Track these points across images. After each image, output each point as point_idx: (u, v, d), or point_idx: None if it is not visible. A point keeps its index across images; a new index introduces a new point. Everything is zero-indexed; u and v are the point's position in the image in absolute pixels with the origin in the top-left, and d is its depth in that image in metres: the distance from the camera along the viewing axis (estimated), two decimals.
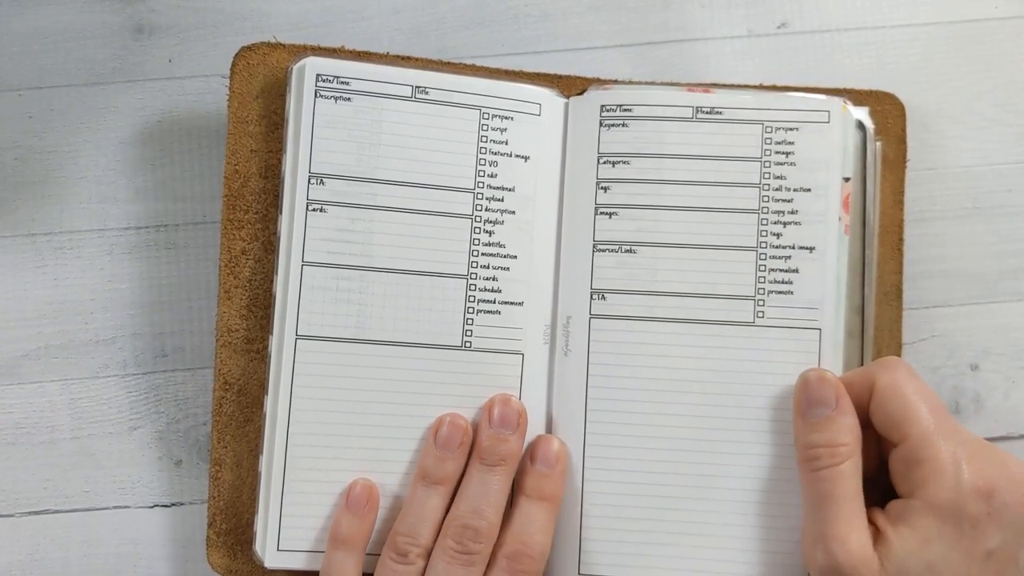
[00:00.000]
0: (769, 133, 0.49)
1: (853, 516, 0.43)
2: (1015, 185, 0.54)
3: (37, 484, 0.52)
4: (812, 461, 0.44)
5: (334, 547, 0.47)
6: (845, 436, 0.44)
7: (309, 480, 0.47)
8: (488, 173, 0.49)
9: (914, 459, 0.43)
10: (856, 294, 0.49)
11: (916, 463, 0.43)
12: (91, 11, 0.54)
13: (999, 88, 0.55)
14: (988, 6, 0.55)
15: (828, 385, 0.45)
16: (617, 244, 0.49)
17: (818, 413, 0.45)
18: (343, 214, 0.48)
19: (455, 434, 0.47)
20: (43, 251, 0.53)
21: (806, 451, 0.45)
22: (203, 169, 0.54)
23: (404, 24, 0.55)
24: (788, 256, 0.48)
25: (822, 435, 0.44)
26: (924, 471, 0.43)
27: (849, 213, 0.49)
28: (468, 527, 0.45)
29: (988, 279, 0.54)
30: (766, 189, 0.48)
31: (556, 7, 0.55)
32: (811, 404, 0.45)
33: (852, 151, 0.49)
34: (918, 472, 0.43)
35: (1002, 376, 0.54)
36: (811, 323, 0.48)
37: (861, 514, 0.43)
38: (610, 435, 0.48)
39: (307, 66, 0.48)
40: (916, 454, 0.43)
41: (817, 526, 0.43)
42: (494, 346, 0.49)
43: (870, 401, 0.45)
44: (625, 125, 0.49)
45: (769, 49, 0.55)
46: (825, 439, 0.44)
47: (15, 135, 0.54)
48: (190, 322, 0.53)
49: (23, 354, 0.52)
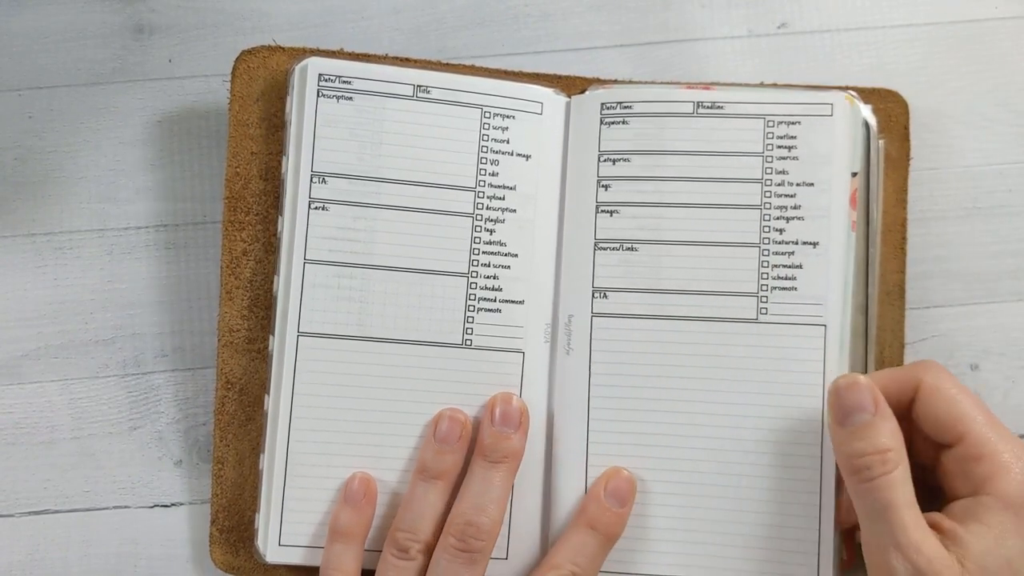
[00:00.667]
0: (771, 127, 0.48)
1: (919, 521, 0.42)
2: (1015, 185, 0.54)
3: (37, 484, 0.52)
4: (863, 471, 0.43)
5: (333, 540, 0.47)
6: (891, 440, 0.43)
7: (310, 476, 0.48)
8: (489, 172, 0.49)
9: (974, 457, 0.43)
10: (860, 293, 0.49)
11: (976, 460, 0.43)
12: (91, 11, 0.54)
13: (999, 88, 0.55)
14: (988, 6, 0.55)
15: (863, 389, 0.44)
16: (618, 242, 0.49)
17: (858, 420, 0.43)
18: (345, 212, 0.48)
19: (454, 428, 0.47)
20: (43, 251, 0.53)
21: (853, 461, 0.43)
22: (203, 169, 0.53)
23: (404, 24, 0.55)
24: (791, 252, 0.48)
25: (867, 443, 0.43)
26: (987, 467, 0.42)
27: (856, 209, 0.48)
28: (471, 524, 0.45)
29: (988, 279, 0.54)
30: (768, 184, 0.48)
31: (556, 7, 0.55)
32: (848, 412, 0.44)
33: (859, 146, 0.49)
34: (980, 469, 0.43)
35: (1002, 376, 0.53)
36: (815, 319, 0.48)
37: (923, 519, 0.42)
38: (613, 433, 0.48)
39: (309, 66, 0.49)
40: (976, 451, 0.43)
41: (885, 537, 0.42)
42: (495, 344, 0.49)
43: (910, 403, 0.45)
44: (626, 122, 0.49)
45: (769, 49, 0.55)
46: (872, 446, 0.43)
47: (15, 135, 0.53)
48: (190, 322, 0.53)
49: (23, 354, 0.52)
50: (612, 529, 0.47)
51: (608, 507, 0.47)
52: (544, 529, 0.49)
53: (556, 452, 0.49)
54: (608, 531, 0.47)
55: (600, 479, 0.48)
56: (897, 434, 0.43)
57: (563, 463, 0.48)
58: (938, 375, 0.44)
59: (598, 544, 0.46)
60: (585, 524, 0.47)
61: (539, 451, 0.49)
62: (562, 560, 0.46)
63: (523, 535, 0.48)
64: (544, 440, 0.49)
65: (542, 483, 0.49)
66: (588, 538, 0.46)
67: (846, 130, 0.48)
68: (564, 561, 0.46)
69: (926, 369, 0.45)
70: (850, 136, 0.48)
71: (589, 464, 0.48)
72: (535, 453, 0.49)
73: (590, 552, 0.46)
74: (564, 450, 0.49)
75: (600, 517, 0.47)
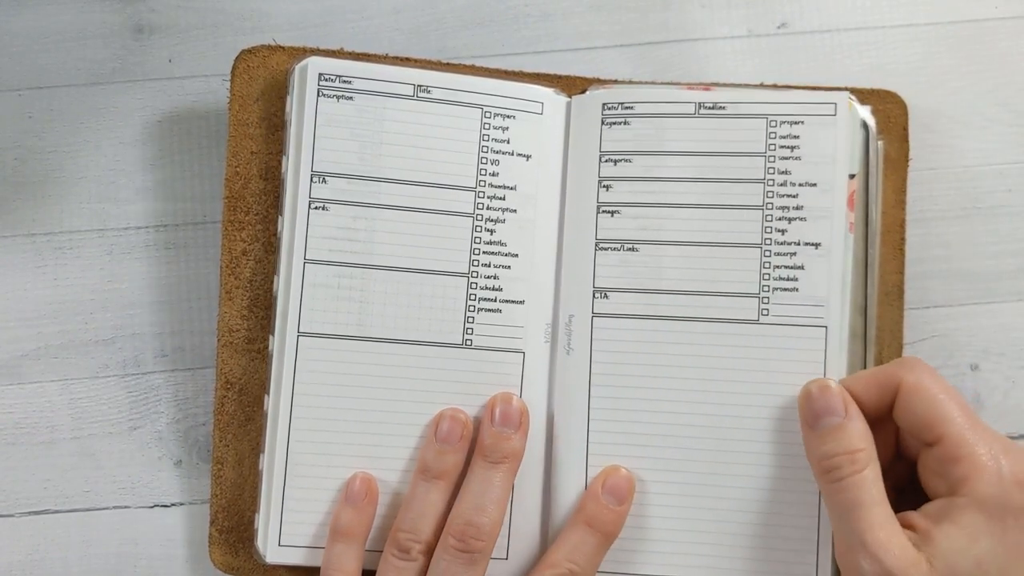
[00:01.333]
0: (773, 127, 0.48)
1: (888, 520, 0.42)
2: (1015, 185, 0.54)
3: (37, 484, 0.52)
4: (832, 472, 0.44)
5: (334, 540, 0.47)
6: (860, 442, 0.44)
7: (310, 476, 0.48)
8: (490, 172, 0.49)
9: (951, 457, 0.43)
10: (859, 294, 0.49)
11: (954, 461, 0.43)
12: (91, 11, 0.54)
13: (999, 88, 0.55)
14: (988, 6, 0.55)
15: (833, 394, 0.45)
16: (619, 242, 0.49)
17: (828, 423, 0.44)
18: (345, 212, 0.48)
19: (455, 428, 0.47)
20: (43, 251, 0.53)
21: (822, 463, 0.44)
22: (203, 169, 0.53)
23: (404, 24, 0.55)
24: (794, 253, 0.48)
25: (837, 444, 0.44)
26: (964, 468, 0.42)
27: (853, 211, 0.48)
28: (471, 524, 0.45)
29: (988, 279, 0.54)
30: (771, 184, 0.48)
31: (556, 7, 0.55)
32: (819, 415, 0.45)
33: (858, 148, 0.49)
34: (957, 470, 0.43)
35: (1002, 376, 0.54)
36: (816, 320, 0.47)
37: (893, 517, 0.43)
38: (613, 433, 0.48)
39: (310, 65, 0.48)
40: (953, 452, 0.43)
41: (853, 536, 0.42)
42: (495, 344, 0.49)
43: (893, 402, 0.45)
44: (627, 123, 0.49)
45: (769, 49, 0.55)
46: (842, 447, 0.44)
47: (15, 135, 0.53)
48: (190, 322, 0.53)
49: (23, 354, 0.52)
50: (610, 527, 0.47)
51: (606, 505, 0.47)
52: (544, 529, 0.49)
53: (556, 452, 0.49)
54: (606, 529, 0.46)
55: (598, 477, 0.48)
56: (867, 435, 0.44)
57: (563, 463, 0.48)
58: (919, 374, 0.44)
59: (596, 542, 0.46)
60: (583, 522, 0.47)
61: (539, 451, 0.49)
62: (560, 558, 0.46)
63: (523, 535, 0.48)
64: (544, 440, 0.49)
65: (542, 483, 0.49)
66: (586, 536, 0.46)
67: (848, 131, 0.48)
68: (562, 559, 0.46)
69: (908, 368, 0.45)
70: (849, 138, 0.48)
71: (589, 464, 0.48)
72: (535, 453, 0.49)
73: (588, 550, 0.46)
74: (564, 450, 0.49)
75: (598, 515, 0.47)
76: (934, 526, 0.42)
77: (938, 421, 0.43)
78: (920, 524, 0.43)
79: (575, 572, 0.46)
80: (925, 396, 0.44)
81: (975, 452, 0.42)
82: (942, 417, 0.43)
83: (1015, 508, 0.42)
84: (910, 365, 0.45)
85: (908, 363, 0.45)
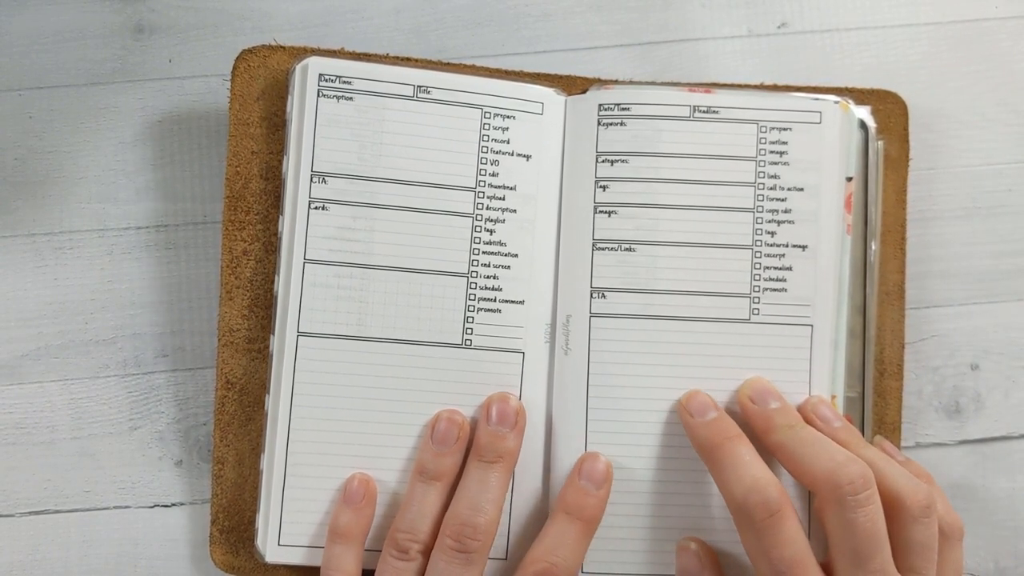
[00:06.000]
0: (763, 133, 0.49)
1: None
2: (1015, 185, 0.54)
3: (37, 484, 0.52)
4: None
5: (333, 540, 0.47)
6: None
7: (310, 476, 0.48)
8: (489, 172, 0.49)
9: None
10: (858, 294, 0.49)
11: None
12: (91, 11, 0.54)
13: (999, 88, 0.55)
14: (988, 6, 0.55)
15: (705, 398, 0.47)
16: (616, 243, 0.49)
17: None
18: (345, 212, 0.48)
19: (451, 430, 0.47)
20: (43, 251, 0.53)
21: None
22: (203, 169, 0.53)
23: (404, 24, 0.55)
24: (782, 254, 0.48)
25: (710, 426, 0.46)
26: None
27: (851, 212, 0.49)
28: (467, 524, 0.45)
29: (988, 279, 0.54)
30: (761, 188, 0.49)
31: (556, 7, 0.55)
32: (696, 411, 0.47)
33: (855, 150, 0.49)
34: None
35: (1002, 376, 0.54)
36: (802, 320, 0.48)
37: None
38: (610, 433, 0.48)
39: (310, 65, 0.48)
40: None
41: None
42: (494, 344, 0.49)
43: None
44: (623, 124, 0.49)
45: (769, 49, 0.55)
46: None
47: (15, 135, 0.53)
48: (190, 322, 0.53)
49: (23, 354, 0.52)
50: (590, 512, 0.46)
51: (584, 490, 0.47)
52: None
53: (555, 452, 0.49)
54: (585, 515, 0.46)
55: (575, 465, 0.48)
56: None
57: (562, 463, 0.48)
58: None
59: (578, 531, 0.46)
60: (562, 511, 0.46)
61: (539, 451, 0.49)
62: (541, 554, 0.46)
63: (523, 535, 0.48)
64: (544, 440, 0.49)
65: (542, 483, 0.49)
66: (567, 526, 0.46)
67: (837, 137, 0.49)
68: (543, 554, 0.45)
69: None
70: (843, 142, 0.49)
71: None
72: (535, 454, 0.49)
73: (570, 541, 0.46)
74: (563, 450, 0.49)
75: (576, 501, 0.46)
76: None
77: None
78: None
79: (557, 565, 0.45)
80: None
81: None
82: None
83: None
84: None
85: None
